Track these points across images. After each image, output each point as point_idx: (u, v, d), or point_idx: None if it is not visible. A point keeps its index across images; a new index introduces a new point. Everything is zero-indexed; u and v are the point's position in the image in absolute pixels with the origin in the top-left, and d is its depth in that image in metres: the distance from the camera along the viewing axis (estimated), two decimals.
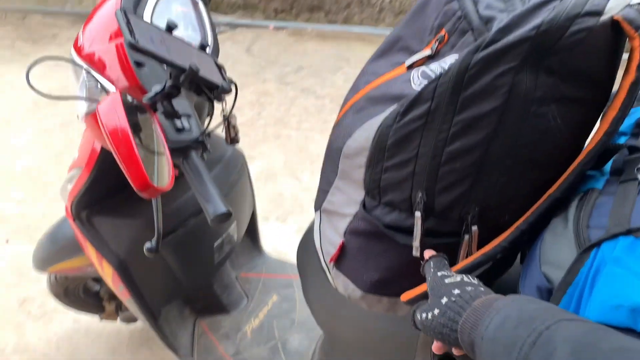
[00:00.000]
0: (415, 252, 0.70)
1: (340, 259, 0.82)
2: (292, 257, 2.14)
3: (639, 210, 0.51)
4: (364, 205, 0.75)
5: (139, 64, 0.88)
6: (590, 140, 0.63)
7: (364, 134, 0.71)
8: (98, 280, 1.75)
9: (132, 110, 0.68)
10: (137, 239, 1.19)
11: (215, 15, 4.97)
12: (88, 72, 0.93)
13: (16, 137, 3.36)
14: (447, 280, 0.60)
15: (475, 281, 0.59)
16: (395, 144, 0.66)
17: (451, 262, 0.71)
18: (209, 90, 0.79)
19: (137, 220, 1.18)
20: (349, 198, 0.78)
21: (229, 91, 0.80)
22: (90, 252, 1.22)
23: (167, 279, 1.29)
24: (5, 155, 3.16)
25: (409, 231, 0.70)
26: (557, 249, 0.58)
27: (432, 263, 0.66)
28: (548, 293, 0.58)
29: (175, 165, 0.93)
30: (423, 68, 0.71)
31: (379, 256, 0.76)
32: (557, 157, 0.64)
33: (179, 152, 0.85)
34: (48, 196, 2.78)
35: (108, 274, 1.23)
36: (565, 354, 0.39)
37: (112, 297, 1.72)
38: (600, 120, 0.63)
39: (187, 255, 1.27)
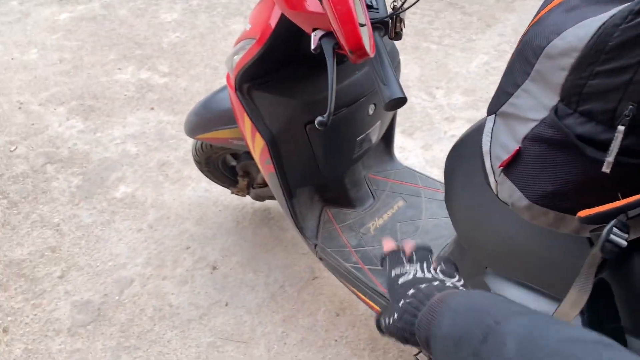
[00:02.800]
0: (606, 168, 0.66)
1: (511, 165, 0.79)
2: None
3: None
4: (555, 111, 0.71)
5: None
6: None
7: (578, 33, 0.65)
8: (236, 156, 1.87)
9: None
10: (291, 117, 1.23)
11: None
12: None
13: (165, 13, 3.54)
14: (400, 281, 0.58)
15: (430, 274, 0.58)
16: (617, 47, 0.61)
17: None
18: None
19: (293, 100, 1.22)
20: (538, 102, 0.74)
21: None
22: (246, 123, 1.29)
23: (308, 162, 1.34)
24: (154, 30, 3.36)
25: (602, 145, 0.66)
26: None
27: (387, 260, 0.63)
28: None
29: None
30: None
31: (559, 167, 0.73)
32: None
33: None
34: (189, 73, 2.95)
35: (258, 146, 1.30)
36: (513, 347, 0.38)
37: (246, 174, 1.83)
38: None
39: (332, 143, 1.31)
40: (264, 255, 1.96)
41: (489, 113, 0.89)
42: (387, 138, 1.67)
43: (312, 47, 0.92)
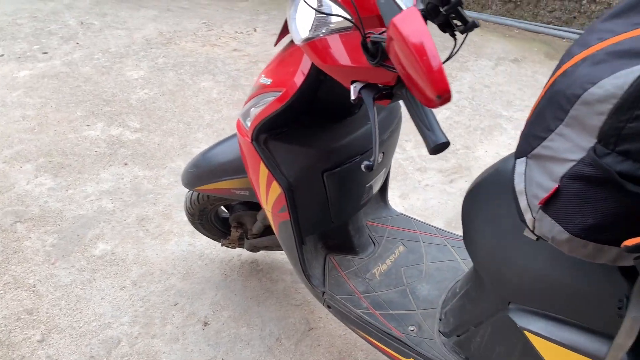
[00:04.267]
0: None
1: (550, 202, 0.86)
2: None
3: None
4: (594, 151, 0.79)
5: None
6: None
7: (616, 82, 0.74)
8: (228, 207, 1.87)
9: None
10: (309, 165, 1.27)
11: None
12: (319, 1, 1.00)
13: (131, 71, 3.54)
14: None
15: None
16: None
17: None
18: (455, 25, 0.84)
19: (312, 149, 1.26)
20: (575, 144, 0.82)
21: (477, 27, 0.85)
22: (261, 172, 1.31)
23: (320, 209, 1.37)
24: (121, 87, 3.35)
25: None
26: None
27: None
28: None
29: (392, 95, 1.00)
30: None
31: (599, 202, 0.80)
32: None
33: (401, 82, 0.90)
34: (162, 128, 2.94)
35: (273, 195, 1.32)
36: None
37: (240, 225, 1.83)
38: None
39: (345, 189, 1.35)
40: (256, 308, 1.93)
41: (519, 156, 0.96)
42: (383, 186, 1.74)
43: (352, 97, 0.98)
